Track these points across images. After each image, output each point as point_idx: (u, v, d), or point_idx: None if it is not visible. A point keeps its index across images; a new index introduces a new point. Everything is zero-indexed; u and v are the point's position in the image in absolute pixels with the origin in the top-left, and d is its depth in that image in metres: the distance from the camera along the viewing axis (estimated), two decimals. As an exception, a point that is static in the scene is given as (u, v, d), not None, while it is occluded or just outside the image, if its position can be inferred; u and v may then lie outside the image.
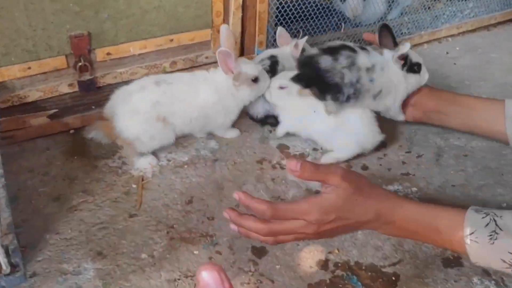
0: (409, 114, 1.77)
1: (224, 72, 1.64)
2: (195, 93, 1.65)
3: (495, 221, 1.08)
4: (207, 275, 0.62)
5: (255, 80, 1.67)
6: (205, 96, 1.65)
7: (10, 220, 1.08)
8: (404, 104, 1.75)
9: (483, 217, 1.10)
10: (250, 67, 1.67)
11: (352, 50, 1.60)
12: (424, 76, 1.72)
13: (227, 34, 1.64)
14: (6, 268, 0.98)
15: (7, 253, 0.99)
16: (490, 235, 1.06)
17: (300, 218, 1.12)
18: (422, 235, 1.19)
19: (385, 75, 1.64)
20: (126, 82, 1.76)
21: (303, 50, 1.83)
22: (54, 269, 1.30)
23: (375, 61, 1.62)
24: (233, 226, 1.22)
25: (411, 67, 1.68)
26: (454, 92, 1.80)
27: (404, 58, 1.66)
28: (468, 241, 1.08)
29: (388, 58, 1.65)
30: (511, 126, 1.55)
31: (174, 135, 1.65)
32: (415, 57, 1.69)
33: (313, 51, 1.64)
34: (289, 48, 1.84)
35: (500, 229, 1.06)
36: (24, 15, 1.49)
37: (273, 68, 1.77)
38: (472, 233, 1.08)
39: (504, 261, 1.06)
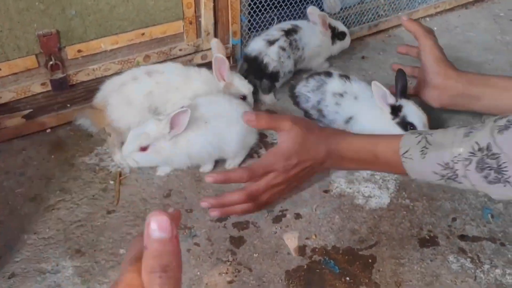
0: (435, 98, 1.71)
1: (217, 78, 1.73)
2: (186, 84, 1.70)
3: (426, 138, 1.18)
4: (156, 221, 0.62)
5: (244, 98, 1.77)
6: (196, 87, 1.70)
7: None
8: (430, 88, 1.71)
9: (416, 137, 1.21)
10: (243, 85, 1.77)
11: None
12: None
13: (218, 46, 1.77)
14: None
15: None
16: (421, 151, 1.17)
17: (270, 170, 1.32)
18: (365, 163, 1.34)
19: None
20: (100, 79, 1.76)
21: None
22: (33, 269, 1.31)
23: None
24: (212, 213, 1.37)
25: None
26: (483, 73, 1.74)
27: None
28: (403, 159, 1.21)
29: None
30: None
31: None
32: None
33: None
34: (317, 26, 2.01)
35: (429, 144, 1.16)
36: (-11, 16, 1.48)
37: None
38: (407, 151, 1.21)
39: (436, 173, 1.16)
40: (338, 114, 1.71)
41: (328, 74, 1.76)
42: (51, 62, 1.63)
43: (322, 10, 2.27)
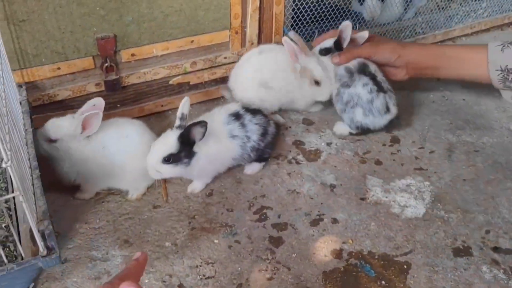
0: (404, 74, 1.90)
1: (292, 60, 1.84)
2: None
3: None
4: None
5: (317, 83, 1.86)
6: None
7: (45, 208, 1.17)
8: (399, 66, 1.88)
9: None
10: (317, 70, 1.85)
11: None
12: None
13: (296, 38, 1.84)
14: (43, 251, 1.07)
15: (43, 237, 1.08)
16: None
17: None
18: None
19: None
20: (149, 82, 1.87)
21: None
22: (84, 256, 1.40)
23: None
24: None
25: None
26: (443, 45, 1.94)
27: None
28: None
29: None
30: (493, 69, 1.75)
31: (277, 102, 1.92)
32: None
33: None
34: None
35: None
36: (54, 18, 1.59)
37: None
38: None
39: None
40: None
41: None
42: (106, 64, 1.74)
43: (359, 18, 2.35)
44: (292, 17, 2.07)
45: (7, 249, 1.33)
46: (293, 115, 1.99)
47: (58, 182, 1.56)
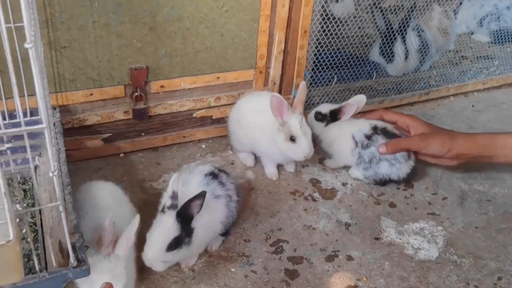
0: (455, 163, 1.86)
1: (273, 115, 1.71)
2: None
3: None
4: None
5: (293, 139, 1.70)
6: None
7: (76, 222, 1.21)
8: (449, 158, 1.84)
9: None
10: (295, 127, 1.69)
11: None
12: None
13: (302, 89, 1.76)
14: (73, 262, 1.10)
15: (74, 249, 1.12)
16: None
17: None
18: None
19: None
20: (174, 113, 1.95)
21: None
22: (104, 275, 1.42)
23: None
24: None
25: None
26: (491, 134, 1.89)
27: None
28: None
29: None
30: None
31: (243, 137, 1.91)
32: None
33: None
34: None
35: None
36: (93, 47, 1.68)
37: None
38: None
39: None
40: None
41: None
42: (136, 93, 1.82)
43: (376, 67, 2.45)
44: (314, 62, 2.16)
45: (32, 261, 1.37)
46: (310, 155, 2.05)
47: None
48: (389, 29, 2.40)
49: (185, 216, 1.34)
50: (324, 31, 2.11)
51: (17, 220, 1.51)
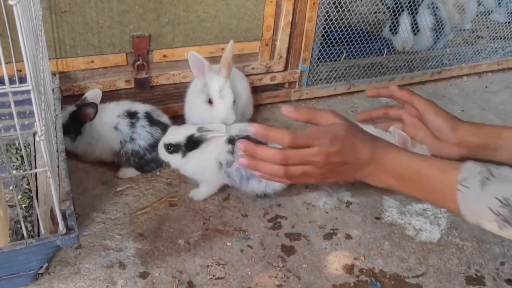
0: (455, 153, 1.73)
1: (194, 74, 1.66)
2: None
3: (490, 170, 1.03)
4: None
5: (211, 101, 1.63)
6: None
7: (68, 189, 1.19)
8: (448, 145, 1.73)
9: (479, 166, 1.06)
10: (213, 88, 1.62)
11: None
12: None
13: (229, 48, 1.65)
14: (62, 229, 1.08)
15: (64, 217, 1.10)
16: (482, 181, 1.02)
17: (313, 144, 1.12)
18: (413, 183, 1.14)
19: None
20: (177, 84, 1.90)
21: None
22: (98, 244, 1.41)
23: None
24: (242, 160, 1.18)
25: None
26: (498, 126, 1.76)
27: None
28: (459, 186, 1.04)
29: None
30: None
31: None
32: None
33: None
34: None
35: (493, 176, 1.02)
36: (94, 12, 1.64)
37: None
38: (465, 179, 1.04)
39: (492, 210, 1.00)
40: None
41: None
42: (138, 62, 1.78)
43: (393, 47, 2.38)
44: (322, 35, 2.10)
45: (25, 229, 1.35)
46: (315, 131, 2.00)
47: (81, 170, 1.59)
48: (397, 5, 2.32)
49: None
50: (334, 3, 2.04)
51: (14, 186, 1.50)
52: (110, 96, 1.82)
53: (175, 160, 1.54)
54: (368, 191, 1.72)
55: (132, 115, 1.63)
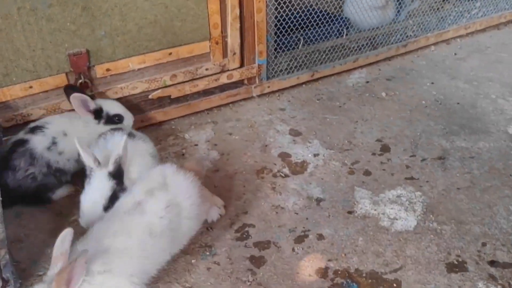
0: None
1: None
2: None
3: None
4: None
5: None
6: None
7: (3, 236, 1.10)
8: None
9: None
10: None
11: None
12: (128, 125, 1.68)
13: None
14: (-3, 283, 1.00)
15: (-1, 268, 1.01)
16: None
17: None
18: None
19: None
20: (127, 97, 1.80)
21: None
22: (54, 284, 1.32)
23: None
24: None
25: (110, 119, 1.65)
26: None
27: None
28: None
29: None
30: None
31: None
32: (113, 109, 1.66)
33: None
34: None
35: None
36: (22, 36, 1.53)
37: None
38: None
39: None
40: (69, 160, 1.58)
41: (22, 142, 1.52)
42: (80, 80, 1.68)
43: (347, 24, 2.26)
44: (276, 25, 2.00)
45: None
46: (279, 126, 1.91)
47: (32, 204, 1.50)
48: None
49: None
50: (282, -11, 1.94)
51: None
52: (57, 120, 1.73)
53: None
54: (338, 184, 1.64)
55: None
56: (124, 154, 1.37)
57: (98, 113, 1.62)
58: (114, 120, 1.65)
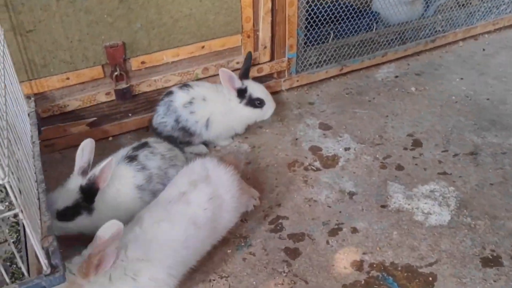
0: None
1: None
2: None
3: None
4: None
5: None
6: None
7: (50, 223, 1.12)
8: None
9: None
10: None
11: None
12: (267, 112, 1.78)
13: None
14: (46, 269, 1.02)
15: (47, 255, 1.03)
16: None
17: None
18: None
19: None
20: (161, 90, 1.82)
21: None
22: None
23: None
24: None
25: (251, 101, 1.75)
26: None
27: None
28: None
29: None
30: None
31: None
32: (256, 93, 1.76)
33: None
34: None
35: None
36: (61, 27, 1.56)
37: None
38: None
39: None
40: (197, 122, 1.70)
41: (170, 93, 1.71)
42: (116, 73, 1.70)
43: (376, 18, 2.25)
44: (306, 19, 2.00)
45: (15, 265, 1.30)
46: (309, 120, 1.92)
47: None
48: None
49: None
50: (314, -17, 1.94)
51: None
52: (91, 111, 1.76)
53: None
54: (370, 178, 1.65)
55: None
56: (101, 175, 1.36)
57: (241, 92, 1.72)
58: (255, 103, 1.76)
